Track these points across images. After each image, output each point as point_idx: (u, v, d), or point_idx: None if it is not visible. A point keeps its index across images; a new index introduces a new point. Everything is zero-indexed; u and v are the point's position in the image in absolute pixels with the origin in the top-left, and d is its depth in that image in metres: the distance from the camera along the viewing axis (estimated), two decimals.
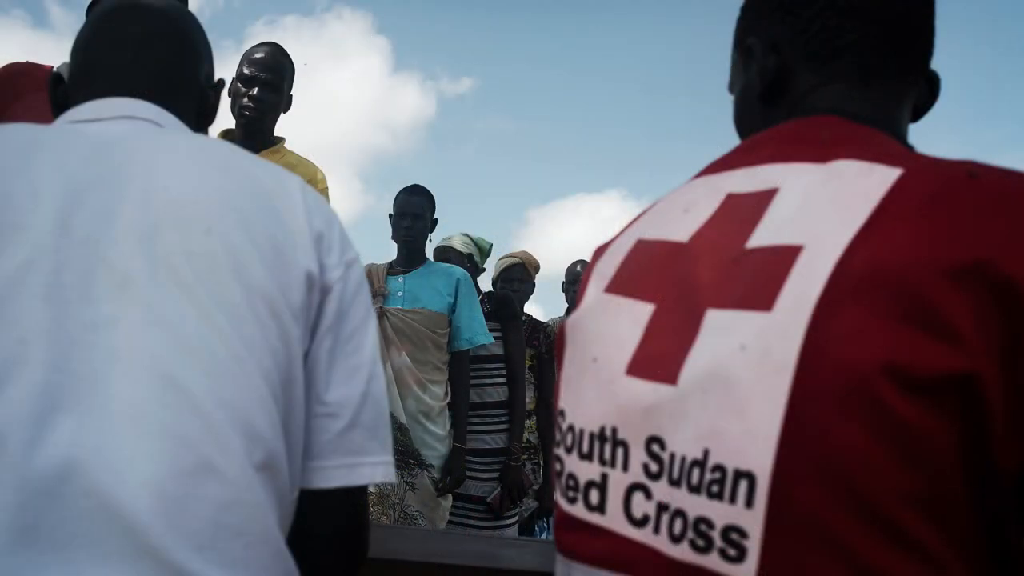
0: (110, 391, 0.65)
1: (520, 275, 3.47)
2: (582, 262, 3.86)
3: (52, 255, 0.68)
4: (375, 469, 0.78)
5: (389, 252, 2.96)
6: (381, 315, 2.70)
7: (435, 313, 2.77)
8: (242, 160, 0.80)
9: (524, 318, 3.32)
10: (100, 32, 0.87)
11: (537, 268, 3.56)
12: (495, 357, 3.01)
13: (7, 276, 0.66)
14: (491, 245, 3.32)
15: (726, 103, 0.86)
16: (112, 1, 0.89)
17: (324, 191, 2.37)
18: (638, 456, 0.66)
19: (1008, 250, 0.54)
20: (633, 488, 0.66)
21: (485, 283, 3.45)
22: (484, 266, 3.32)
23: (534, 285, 3.59)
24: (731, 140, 0.82)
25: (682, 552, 0.61)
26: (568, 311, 3.80)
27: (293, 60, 2.36)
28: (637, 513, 0.65)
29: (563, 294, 3.92)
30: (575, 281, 3.75)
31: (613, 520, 0.67)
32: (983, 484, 0.54)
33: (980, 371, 0.53)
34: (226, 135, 2.36)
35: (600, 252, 0.81)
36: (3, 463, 0.61)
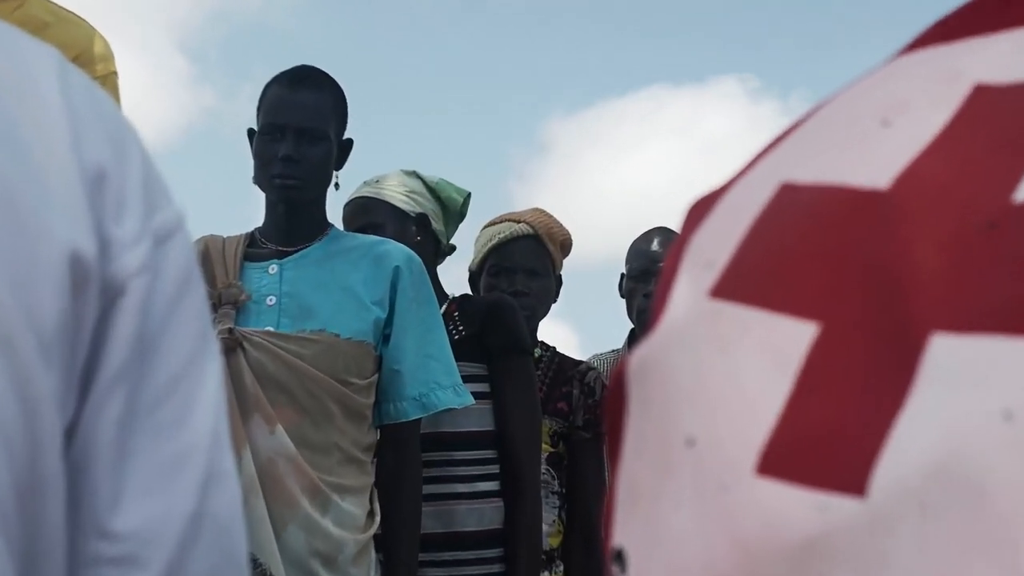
0: None
1: (528, 259, 3.36)
2: (662, 233, 3.76)
3: None
4: None
5: (251, 213, 2.92)
6: (233, 346, 2.62)
7: (346, 341, 2.68)
8: None
9: (541, 353, 3.25)
10: None
11: (566, 244, 3.48)
12: (476, 437, 2.91)
13: None
14: (467, 196, 3.24)
15: None
16: None
17: (108, 78, 2.41)
18: None
19: None
20: None
21: (456, 277, 3.40)
22: (451, 241, 3.25)
23: (560, 280, 3.53)
24: None
25: None
26: (633, 336, 3.76)
27: None
28: None
29: (623, 301, 3.85)
30: (647, 273, 3.66)
31: None
32: None
33: None
34: None
35: (701, 212, 0.78)
36: None
